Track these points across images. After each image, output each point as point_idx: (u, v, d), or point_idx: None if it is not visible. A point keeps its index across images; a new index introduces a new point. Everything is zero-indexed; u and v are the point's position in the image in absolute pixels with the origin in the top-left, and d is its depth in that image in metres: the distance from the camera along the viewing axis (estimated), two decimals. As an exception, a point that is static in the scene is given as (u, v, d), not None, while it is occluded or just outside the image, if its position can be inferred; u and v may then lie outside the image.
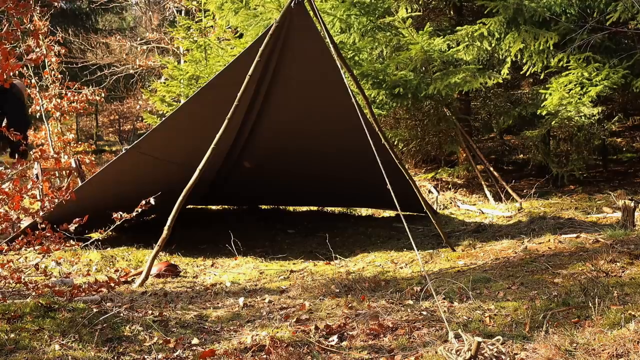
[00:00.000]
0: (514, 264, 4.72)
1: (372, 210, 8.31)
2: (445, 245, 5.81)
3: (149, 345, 3.24)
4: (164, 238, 4.83)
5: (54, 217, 4.34)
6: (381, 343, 3.25)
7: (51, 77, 9.51)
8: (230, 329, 3.57)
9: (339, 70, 5.12)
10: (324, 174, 6.86)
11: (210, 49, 10.87)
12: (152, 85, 12.37)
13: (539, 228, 6.05)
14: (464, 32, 7.81)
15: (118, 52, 16.91)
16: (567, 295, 3.73)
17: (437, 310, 3.61)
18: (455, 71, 7.71)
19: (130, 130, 19.44)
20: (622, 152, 10.03)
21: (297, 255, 6.21)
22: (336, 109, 5.77)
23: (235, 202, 8.63)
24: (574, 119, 7.78)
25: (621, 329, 3.06)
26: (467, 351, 2.85)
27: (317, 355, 3.13)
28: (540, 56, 7.70)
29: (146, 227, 6.81)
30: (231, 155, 6.93)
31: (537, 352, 2.97)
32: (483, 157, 8.49)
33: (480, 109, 10.12)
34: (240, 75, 5.12)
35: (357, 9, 7.99)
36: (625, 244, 4.73)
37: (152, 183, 5.68)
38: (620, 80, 7.34)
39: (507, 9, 7.52)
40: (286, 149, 6.71)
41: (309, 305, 3.97)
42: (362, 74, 7.56)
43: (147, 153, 5.92)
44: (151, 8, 19.82)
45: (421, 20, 8.94)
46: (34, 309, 3.47)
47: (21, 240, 3.74)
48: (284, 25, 5.22)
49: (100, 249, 5.85)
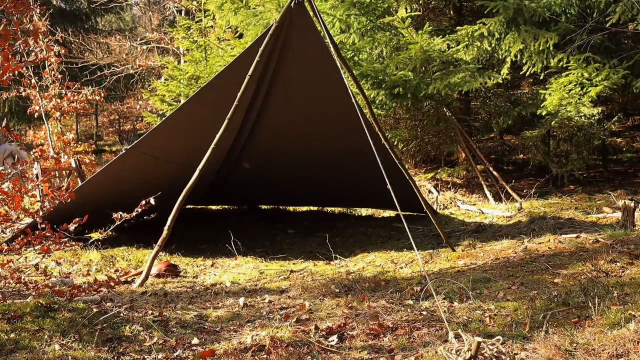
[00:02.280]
0: (514, 264, 4.72)
1: (372, 210, 8.31)
2: (445, 245, 5.81)
3: (149, 345, 3.24)
4: (164, 238, 4.83)
5: (54, 217, 4.34)
6: (381, 343, 3.25)
7: (51, 77, 9.51)
8: (230, 329, 3.57)
9: (339, 70, 5.12)
10: (324, 174, 6.86)
11: (210, 49, 10.87)
12: (152, 84, 12.37)
13: (539, 228, 6.04)
14: (464, 32, 7.80)
15: (118, 52, 16.91)
16: (567, 295, 3.73)
17: (437, 310, 3.61)
18: (455, 71, 7.71)
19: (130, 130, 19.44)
20: (622, 152, 10.03)
21: (297, 255, 6.21)
22: (336, 109, 5.77)
23: (235, 202, 8.63)
24: (574, 119, 7.78)
25: (621, 329, 3.06)
26: (467, 351, 2.85)
27: (317, 355, 3.13)
28: (540, 56, 7.70)
29: (146, 227, 6.81)
30: (231, 155, 6.93)
31: (537, 352, 2.97)
32: (483, 157, 8.49)
33: (480, 109, 10.12)
34: (240, 75, 5.12)
35: (356, 9, 7.99)
36: (625, 244, 4.73)
37: (152, 183, 5.68)
38: (620, 81, 7.34)
39: (507, 9, 7.52)
40: (286, 149, 6.71)
41: (309, 305, 3.97)
42: (362, 74, 7.56)
43: (147, 153, 5.91)
44: (151, 8, 19.82)
45: (421, 20, 8.93)
46: (34, 309, 3.47)
47: (21, 240, 3.74)
48: (284, 25, 5.22)
49: (100, 249, 5.85)
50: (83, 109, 9.93)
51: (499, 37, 7.79)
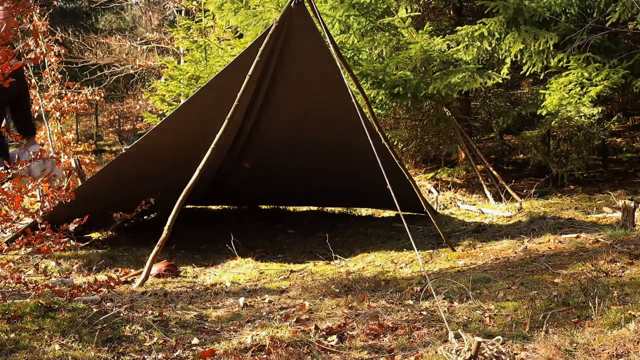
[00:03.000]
0: (514, 264, 4.72)
1: (372, 210, 8.31)
2: (445, 245, 5.81)
3: (149, 345, 3.24)
4: (164, 238, 4.83)
5: (53, 217, 4.33)
6: (381, 343, 3.25)
7: (51, 77, 9.50)
8: (230, 329, 3.57)
9: (339, 70, 5.12)
10: (324, 173, 6.86)
11: (210, 49, 10.87)
12: (152, 84, 12.37)
13: (539, 228, 6.04)
14: (464, 32, 7.80)
15: (118, 52, 16.90)
16: (567, 295, 3.73)
17: (437, 310, 3.61)
18: (455, 71, 7.71)
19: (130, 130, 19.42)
20: (622, 152, 10.03)
21: (297, 255, 6.21)
22: (336, 109, 5.77)
23: (235, 202, 8.63)
24: (574, 119, 7.78)
25: (621, 329, 3.06)
26: (467, 351, 2.85)
27: (317, 355, 3.13)
28: (540, 56, 7.70)
29: (146, 227, 6.81)
30: (231, 155, 6.93)
31: (537, 352, 2.97)
32: (483, 157, 8.49)
33: (480, 109, 10.11)
34: (240, 75, 5.12)
35: (356, 10, 7.98)
36: (625, 244, 4.73)
37: (152, 183, 5.69)
38: (620, 81, 7.34)
39: (507, 8, 7.52)
40: (286, 148, 6.71)
41: (309, 305, 3.97)
42: (362, 73, 7.56)
43: (147, 153, 5.91)
44: (151, 8, 19.82)
45: (421, 20, 8.93)
46: (34, 309, 3.47)
47: (21, 240, 3.74)
48: (284, 25, 5.22)
49: (100, 248, 5.85)
50: (83, 109, 9.91)
51: (499, 37, 7.78)
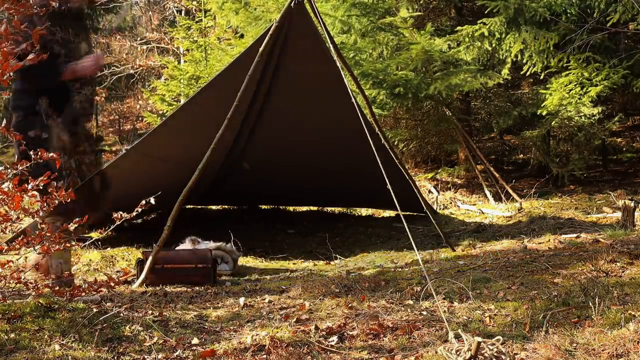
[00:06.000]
0: (514, 264, 4.72)
1: (372, 210, 8.31)
2: (445, 245, 5.81)
3: (149, 345, 3.24)
4: (164, 238, 4.83)
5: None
6: (381, 343, 3.25)
7: (51, 77, 9.49)
8: (230, 329, 3.57)
9: (339, 70, 5.12)
10: (324, 173, 6.86)
11: (211, 49, 10.88)
12: (152, 84, 12.37)
13: (539, 228, 6.04)
14: (465, 32, 7.81)
15: (118, 52, 16.89)
16: (567, 295, 3.73)
17: (437, 310, 3.61)
18: (455, 71, 7.71)
19: (130, 130, 19.41)
20: (622, 152, 10.03)
21: (297, 255, 6.20)
22: (336, 109, 5.77)
23: (235, 202, 8.63)
24: (574, 119, 7.78)
25: (621, 329, 3.06)
26: (467, 351, 2.85)
27: (317, 355, 3.13)
28: (541, 56, 7.71)
29: (146, 227, 6.80)
30: (231, 155, 6.93)
31: (537, 352, 2.97)
32: (483, 157, 8.49)
33: (481, 109, 10.12)
34: (240, 75, 5.12)
35: (357, 10, 7.99)
36: (625, 244, 4.72)
37: (152, 183, 5.68)
38: (620, 81, 7.35)
39: (507, 9, 7.52)
40: (286, 148, 6.71)
41: (309, 305, 3.96)
42: (363, 73, 7.56)
43: (147, 153, 5.91)
44: (151, 8, 19.82)
45: (422, 20, 8.95)
46: (34, 309, 3.47)
47: (21, 240, 3.74)
48: (284, 25, 5.23)
49: (100, 249, 5.85)
50: (83, 109, 9.91)
51: (500, 37, 7.79)
